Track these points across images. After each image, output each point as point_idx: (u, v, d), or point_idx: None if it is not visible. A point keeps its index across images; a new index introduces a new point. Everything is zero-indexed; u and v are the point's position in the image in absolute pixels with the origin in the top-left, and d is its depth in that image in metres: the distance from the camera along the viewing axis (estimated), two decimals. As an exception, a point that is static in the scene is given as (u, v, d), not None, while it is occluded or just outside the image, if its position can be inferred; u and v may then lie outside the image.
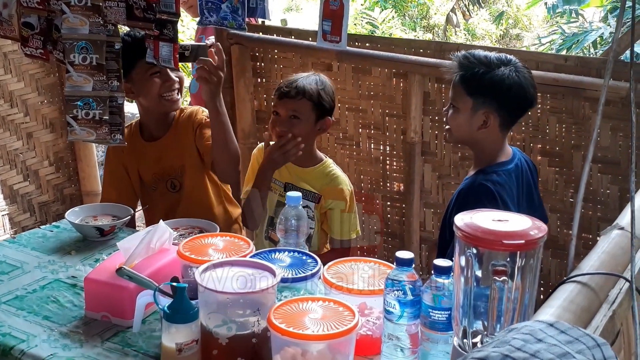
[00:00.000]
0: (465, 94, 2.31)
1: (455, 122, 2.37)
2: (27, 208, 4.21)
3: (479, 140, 2.36)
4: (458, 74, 2.33)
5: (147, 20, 2.32)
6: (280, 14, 14.45)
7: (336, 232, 2.74)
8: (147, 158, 2.89)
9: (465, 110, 2.32)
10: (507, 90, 2.27)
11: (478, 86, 2.28)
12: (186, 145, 2.84)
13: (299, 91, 2.65)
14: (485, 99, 2.29)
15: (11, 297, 2.09)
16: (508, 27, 14.44)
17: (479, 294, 1.52)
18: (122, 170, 2.93)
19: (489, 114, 2.30)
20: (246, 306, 1.68)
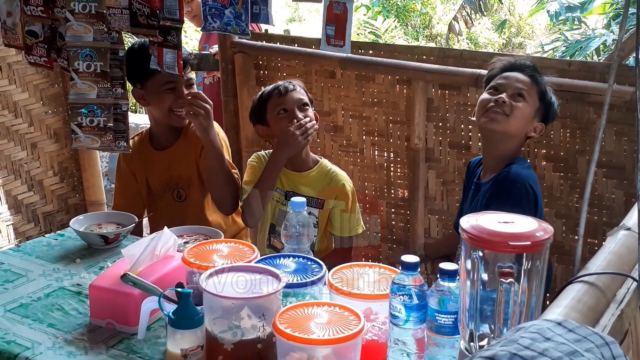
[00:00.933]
0: (536, 95, 2.43)
1: (522, 111, 2.40)
2: (31, 218, 4.21)
3: (518, 142, 2.46)
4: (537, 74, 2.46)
5: (151, 27, 2.33)
6: (283, 25, 14.51)
7: (339, 230, 2.75)
8: (156, 166, 2.90)
9: (531, 108, 2.42)
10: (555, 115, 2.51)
11: (547, 97, 2.45)
12: (194, 156, 2.85)
13: (293, 85, 2.72)
14: (544, 112, 2.45)
15: (16, 305, 2.09)
16: (511, 35, 14.47)
17: (485, 297, 1.51)
18: (131, 177, 2.95)
19: (541, 126, 2.46)
20: (251, 311, 1.67)
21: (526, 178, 2.36)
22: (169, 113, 2.77)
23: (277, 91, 2.70)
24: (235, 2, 2.16)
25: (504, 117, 2.39)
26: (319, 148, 3.73)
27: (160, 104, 2.75)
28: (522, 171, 2.39)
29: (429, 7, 14.79)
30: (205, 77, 4.28)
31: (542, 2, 11.09)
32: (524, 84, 2.43)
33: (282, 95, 2.69)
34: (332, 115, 3.71)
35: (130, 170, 2.95)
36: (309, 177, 2.75)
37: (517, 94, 2.41)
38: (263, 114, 2.73)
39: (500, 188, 2.38)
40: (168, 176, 2.89)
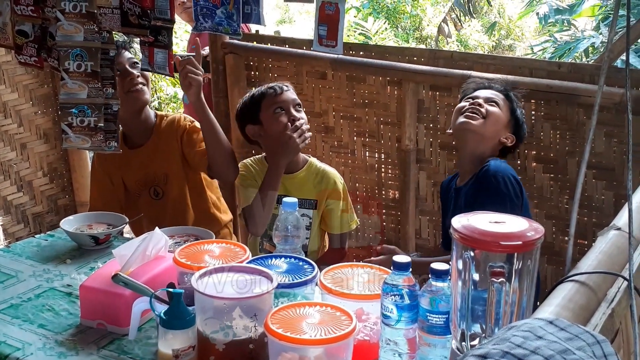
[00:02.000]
0: (508, 108, 2.58)
1: (495, 117, 2.54)
2: (20, 219, 4.19)
3: (491, 148, 2.55)
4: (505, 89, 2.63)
5: (142, 27, 2.32)
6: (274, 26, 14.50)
7: (335, 227, 2.78)
8: (130, 165, 2.90)
9: (504, 117, 2.56)
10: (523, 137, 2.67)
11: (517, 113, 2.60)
12: (169, 153, 2.85)
13: (287, 86, 2.75)
14: (514, 125, 2.60)
15: (6, 305, 2.07)
16: (500, 37, 14.52)
17: (477, 297, 1.51)
18: (106, 179, 2.95)
19: (513, 138, 2.58)
20: (243, 312, 1.67)
21: (506, 170, 2.45)
22: (126, 96, 2.74)
23: (273, 90, 2.71)
24: (227, 2, 2.15)
25: (479, 118, 2.53)
26: (310, 149, 3.73)
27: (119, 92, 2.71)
28: (501, 165, 2.47)
29: (419, 9, 14.83)
30: (196, 78, 4.26)
31: (531, 5, 11.13)
32: (497, 95, 2.60)
33: (278, 94, 2.70)
34: (323, 116, 3.71)
35: (105, 172, 2.95)
36: (299, 178, 2.75)
37: (491, 101, 2.56)
38: (256, 113, 2.72)
39: (482, 184, 2.43)
40: (144, 174, 2.89)
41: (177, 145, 2.84)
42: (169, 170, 2.87)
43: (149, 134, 2.88)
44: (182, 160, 2.86)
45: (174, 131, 2.85)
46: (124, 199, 2.97)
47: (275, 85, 2.73)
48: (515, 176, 2.45)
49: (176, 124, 2.86)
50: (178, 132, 2.84)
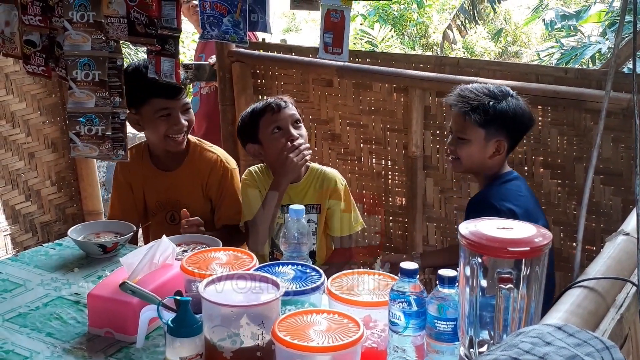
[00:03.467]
0: (477, 126, 2.45)
1: (466, 152, 2.48)
2: (29, 228, 4.20)
3: (487, 166, 2.50)
4: (465, 107, 2.46)
5: (149, 36, 2.32)
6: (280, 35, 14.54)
7: (337, 230, 2.74)
8: (155, 185, 2.88)
9: (477, 141, 2.46)
10: (515, 118, 2.47)
11: (490, 117, 2.44)
12: (196, 187, 2.84)
13: (285, 102, 2.70)
14: (497, 128, 2.45)
15: (14, 314, 2.08)
16: (507, 44, 14.52)
17: (485, 303, 1.51)
18: (127, 188, 2.93)
19: (500, 142, 2.47)
20: (250, 319, 1.67)
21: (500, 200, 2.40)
22: (164, 139, 2.75)
23: (270, 108, 2.67)
24: (234, 10, 2.16)
25: (456, 162, 2.54)
26: (317, 156, 3.74)
27: (156, 131, 2.73)
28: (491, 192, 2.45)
29: (425, 17, 14.85)
30: (203, 87, 4.28)
31: (537, 11, 11.14)
32: (458, 125, 2.51)
33: (275, 112, 2.66)
34: (330, 123, 3.71)
35: (127, 182, 2.93)
36: (302, 186, 2.74)
37: (457, 138, 2.51)
38: (255, 131, 2.70)
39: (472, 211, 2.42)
40: (165, 197, 2.86)
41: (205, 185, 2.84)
42: (191, 203, 2.81)
43: (180, 161, 2.85)
44: (206, 199, 2.86)
45: (207, 170, 2.84)
46: (142, 212, 2.95)
47: (273, 103, 2.69)
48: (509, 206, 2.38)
49: (213, 163, 2.85)
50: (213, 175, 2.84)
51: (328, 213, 2.73)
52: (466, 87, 2.54)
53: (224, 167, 2.85)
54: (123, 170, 2.93)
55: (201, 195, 2.85)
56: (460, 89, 2.52)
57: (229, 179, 2.85)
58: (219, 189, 2.84)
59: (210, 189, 2.84)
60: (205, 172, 2.83)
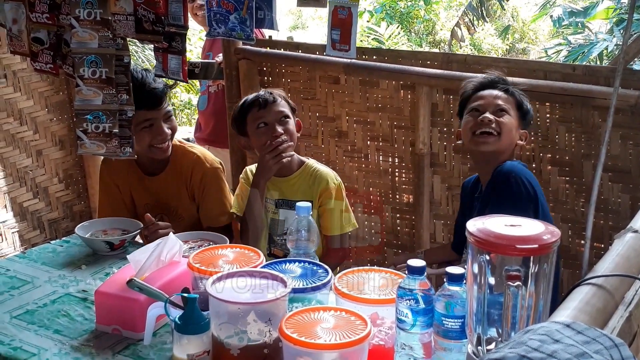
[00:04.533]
0: (515, 107, 2.48)
1: (508, 126, 2.44)
2: (36, 225, 4.22)
3: (510, 153, 2.48)
4: (507, 88, 2.50)
5: (156, 33, 2.33)
6: (287, 32, 14.55)
7: (327, 229, 2.71)
8: (142, 189, 2.87)
9: (515, 120, 2.46)
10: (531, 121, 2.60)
11: (524, 107, 2.50)
12: (181, 189, 2.84)
13: (274, 96, 2.67)
14: (524, 121, 2.51)
15: (22, 311, 2.09)
16: (514, 41, 14.48)
17: (493, 301, 1.50)
18: (114, 188, 2.91)
19: (525, 133, 2.51)
20: (257, 316, 1.67)
21: (521, 171, 2.37)
22: (149, 148, 2.74)
23: (257, 103, 2.66)
24: (240, 7, 2.16)
25: (494, 137, 2.41)
26: (324, 154, 3.73)
27: (140, 141, 2.70)
28: (517, 166, 2.41)
29: (432, 14, 14.82)
30: (210, 85, 4.28)
31: (545, 8, 11.10)
32: (501, 99, 2.46)
33: (262, 108, 2.64)
34: (337, 120, 3.71)
35: (113, 182, 2.90)
36: (294, 181, 2.73)
37: (499, 110, 2.44)
38: (243, 125, 2.71)
39: (496, 184, 2.38)
40: (154, 200, 2.85)
41: (189, 186, 2.84)
42: (179, 205, 2.83)
43: (164, 165, 2.84)
44: (192, 200, 2.86)
45: (189, 171, 2.82)
46: (133, 214, 2.92)
47: (261, 97, 2.67)
48: (528, 178, 2.36)
49: (193, 163, 2.83)
50: (194, 175, 2.82)
51: (320, 212, 2.71)
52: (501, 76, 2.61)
53: (204, 166, 2.83)
54: (109, 173, 2.91)
55: (187, 196, 2.85)
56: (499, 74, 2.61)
57: (210, 178, 2.83)
58: (200, 187, 2.83)
59: (193, 188, 2.84)
60: (188, 173, 2.82)
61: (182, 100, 9.87)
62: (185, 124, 9.42)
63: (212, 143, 4.29)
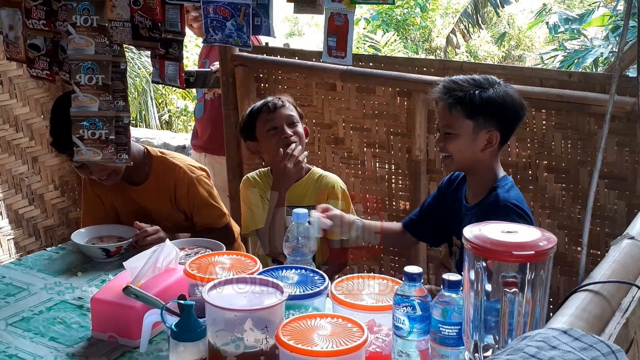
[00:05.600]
0: (464, 117, 2.29)
1: (457, 147, 2.33)
2: (32, 232, 4.21)
3: (481, 160, 2.35)
4: (449, 99, 2.31)
5: (153, 40, 2.33)
6: (283, 39, 14.58)
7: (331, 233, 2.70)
8: (124, 198, 2.85)
9: (466, 134, 2.31)
10: (505, 106, 2.30)
11: (477, 107, 2.28)
12: (164, 199, 2.82)
13: (282, 101, 2.70)
14: (486, 119, 2.29)
15: (17, 318, 2.08)
16: (510, 48, 14.53)
17: (489, 307, 1.50)
18: (96, 199, 2.89)
19: (491, 132, 2.30)
20: (254, 324, 1.66)
21: (516, 202, 2.29)
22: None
23: (267, 108, 2.69)
24: (237, 14, 2.16)
25: (449, 159, 2.37)
26: (320, 160, 3.73)
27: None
28: (509, 194, 2.31)
29: (429, 21, 14.86)
30: (206, 93, 4.28)
31: (541, 15, 11.14)
32: (445, 119, 2.35)
33: (272, 112, 2.67)
34: (333, 127, 3.71)
35: (96, 194, 2.89)
36: (300, 187, 2.73)
37: (445, 133, 2.35)
38: (253, 130, 2.72)
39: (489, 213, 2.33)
40: (137, 209, 2.82)
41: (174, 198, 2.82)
42: (163, 214, 2.81)
43: (145, 176, 2.82)
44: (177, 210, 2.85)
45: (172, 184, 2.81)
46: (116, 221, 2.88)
47: (270, 102, 2.70)
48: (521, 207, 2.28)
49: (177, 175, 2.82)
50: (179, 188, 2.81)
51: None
52: (450, 78, 2.40)
53: (188, 177, 2.82)
54: (92, 184, 2.88)
55: (170, 207, 2.83)
56: (444, 81, 2.38)
57: (197, 187, 2.82)
58: (189, 199, 2.82)
59: (180, 201, 2.82)
60: (171, 185, 2.81)
61: (178, 106, 9.87)
62: (182, 131, 9.42)
63: (208, 150, 4.28)
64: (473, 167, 2.38)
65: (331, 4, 2.15)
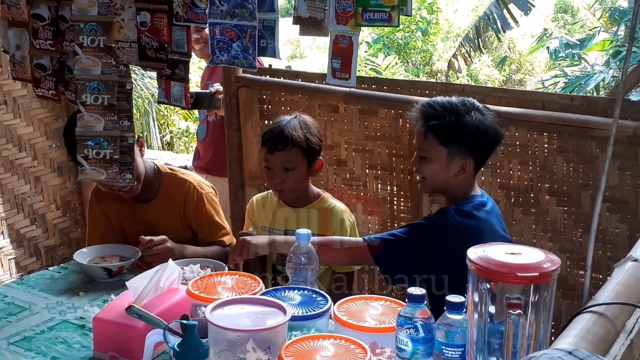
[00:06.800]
0: (438, 144, 2.30)
1: (430, 171, 2.34)
2: (33, 252, 4.21)
3: (454, 185, 2.36)
4: (424, 125, 2.32)
5: (159, 61, 2.35)
6: (285, 61, 14.65)
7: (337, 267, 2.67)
8: (132, 216, 2.86)
9: (440, 160, 2.31)
10: (480, 135, 2.30)
11: (451, 135, 2.29)
12: (174, 216, 2.83)
13: (287, 141, 2.59)
14: (460, 147, 2.30)
15: (19, 338, 2.08)
16: (511, 72, 14.60)
17: (493, 329, 1.50)
18: (103, 217, 2.90)
19: (465, 160, 2.31)
20: (257, 344, 1.66)
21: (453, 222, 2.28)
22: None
23: (268, 144, 2.62)
24: (243, 36, 2.18)
25: (422, 181, 2.39)
26: (322, 182, 3.74)
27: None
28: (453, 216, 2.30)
29: (430, 45, 14.95)
30: (208, 115, 4.30)
31: (542, 40, 11.21)
32: (420, 143, 2.36)
33: (268, 152, 2.63)
34: (335, 148, 3.72)
35: (103, 212, 2.89)
36: (308, 213, 2.72)
37: (420, 157, 2.37)
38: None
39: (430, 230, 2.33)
40: (145, 228, 2.80)
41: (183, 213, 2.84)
42: (171, 232, 2.77)
43: (155, 192, 2.84)
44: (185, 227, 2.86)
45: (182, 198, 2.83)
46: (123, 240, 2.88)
47: (271, 141, 2.62)
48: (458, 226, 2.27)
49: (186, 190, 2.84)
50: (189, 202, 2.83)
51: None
52: (428, 101, 2.39)
53: (197, 193, 2.83)
54: (99, 201, 2.90)
55: (180, 223, 2.84)
56: (422, 104, 2.38)
57: (205, 204, 2.83)
58: (196, 214, 2.83)
59: (187, 216, 2.83)
60: (181, 200, 2.82)
61: (180, 128, 9.90)
62: (183, 152, 9.44)
63: (210, 172, 4.29)
64: (446, 189, 2.40)
65: (336, 27, 2.18)
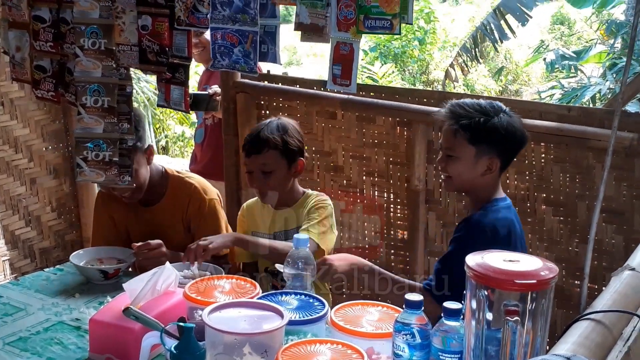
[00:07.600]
0: (467, 143, 2.33)
1: (457, 170, 2.37)
2: (27, 254, 4.19)
3: (480, 184, 2.38)
4: (455, 124, 2.34)
5: (160, 64, 2.36)
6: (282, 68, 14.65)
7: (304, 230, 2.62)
8: (138, 219, 2.85)
9: (468, 158, 2.34)
10: (509, 136, 2.33)
11: (480, 135, 2.32)
12: (177, 219, 2.83)
13: (263, 144, 2.60)
14: (489, 146, 2.33)
15: (15, 338, 2.08)
16: (507, 82, 14.64)
17: (490, 337, 1.51)
18: (109, 219, 2.90)
19: (492, 159, 2.33)
20: (253, 348, 1.66)
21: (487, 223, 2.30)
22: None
23: (247, 147, 2.64)
24: (244, 41, 2.19)
25: (447, 180, 2.42)
26: (319, 188, 3.74)
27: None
28: (485, 216, 2.33)
29: (427, 54, 14.97)
30: (207, 118, 4.30)
31: (539, 52, 11.26)
32: (448, 142, 2.37)
33: (246, 156, 2.65)
34: (333, 155, 3.73)
35: (109, 214, 2.89)
36: (292, 211, 2.72)
37: (447, 156, 2.39)
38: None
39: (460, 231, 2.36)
40: (150, 231, 2.81)
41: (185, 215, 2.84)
42: (174, 236, 2.80)
43: (161, 195, 2.84)
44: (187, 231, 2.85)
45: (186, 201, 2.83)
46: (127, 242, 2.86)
47: (248, 144, 2.64)
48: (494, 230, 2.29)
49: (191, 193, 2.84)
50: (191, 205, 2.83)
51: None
52: (457, 102, 2.42)
53: (201, 197, 2.83)
54: (105, 204, 2.90)
55: (182, 227, 2.84)
56: (451, 104, 2.41)
57: (207, 209, 2.83)
58: (197, 218, 2.82)
59: (189, 218, 2.83)
60: (185, 202, 2.82)
61: (175, 132, 9.89)
62: (179, 156, 9.43)
63: (206, 175, 4.24)
64: (471, 189, 2.42)
65: (337, 33, 2.18)
